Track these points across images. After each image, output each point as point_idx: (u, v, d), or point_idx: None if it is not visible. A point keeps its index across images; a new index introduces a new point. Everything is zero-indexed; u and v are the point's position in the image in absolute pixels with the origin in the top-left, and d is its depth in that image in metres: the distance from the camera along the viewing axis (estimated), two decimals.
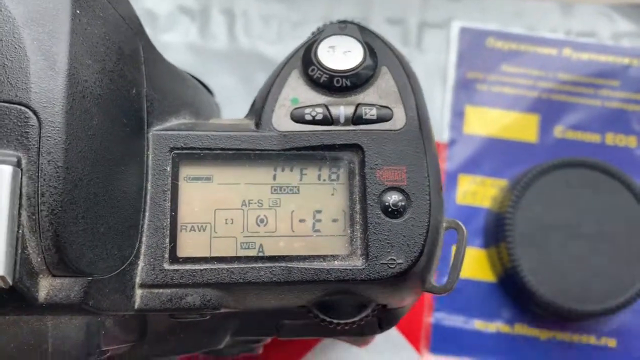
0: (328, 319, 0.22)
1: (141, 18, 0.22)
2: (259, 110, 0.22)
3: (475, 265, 0.38)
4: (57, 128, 0.17)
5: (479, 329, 0.37)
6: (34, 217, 0.17)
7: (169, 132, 0.21)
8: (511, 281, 0.36)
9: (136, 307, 0.19)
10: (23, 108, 0.17)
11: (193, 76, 0.27)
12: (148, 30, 0.22)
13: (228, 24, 0.41)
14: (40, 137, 0.17)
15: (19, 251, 0.17)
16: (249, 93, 0.28)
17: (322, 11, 0.41)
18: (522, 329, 0.37)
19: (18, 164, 0.17)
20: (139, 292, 0.19)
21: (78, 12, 0.19)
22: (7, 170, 0.16)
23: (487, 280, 0.38)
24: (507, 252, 0.35)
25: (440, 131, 0.39)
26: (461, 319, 0.37)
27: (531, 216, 0.35)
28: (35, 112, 0.17)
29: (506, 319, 0.37)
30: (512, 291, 0.37)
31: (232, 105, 0.34)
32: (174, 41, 0.40)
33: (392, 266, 0.20)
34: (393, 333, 0.36)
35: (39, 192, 0.17)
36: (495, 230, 0.36)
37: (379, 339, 0.29)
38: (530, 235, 0.35)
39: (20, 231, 0.17)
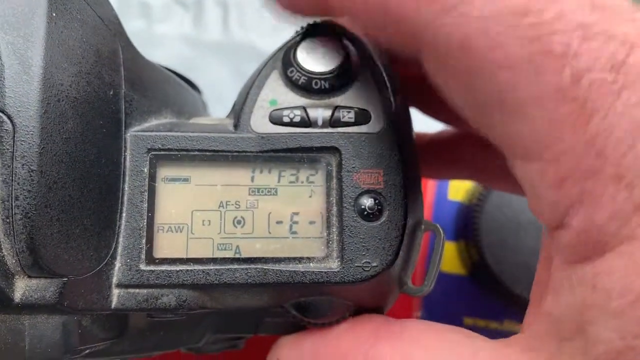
0: (306, 319, 0.22)
1: (135, 9, 0.22)
2: (238, 111, 0.22)
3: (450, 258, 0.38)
4: (32, 132, 0.17)
5: (467, 324, 0.37)
6: (8, 221, 0.17)
7: (147, 133, 0.21)
8: (482, 275, 0.36)
9: (113, 306, 0.20)
10: None
11: (178, 74, 0.27)
12: (142, 21, 0.22)
13: (222, 15, 0.41)
14: (14, 142, 0.17)
15: None
16: (241, 85, 0.28)
17: None
18: (511, 325, 0.37)
19: None
20: (115, 291, 0.20)
21: (54, 15, 0.19)
22: None
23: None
24: (475, 245, 0.35)
25: (434, 128, 0.39)
26: (449, 314, 0.37)
27: (500, 208, 0.35)
28: (9, 117, 0.17)
29: (494, 314, 0.37)
30: (486, 285, 0.37)
31: (224, 97, 0.34)
32: (168, 32, 0.40)
33: (367, 269, 0.20)
34: None
35: (13, 195, 0.17)
36: (464, 223, 0.36)
37: None
38: (498, 228, 0.35)
39: None
